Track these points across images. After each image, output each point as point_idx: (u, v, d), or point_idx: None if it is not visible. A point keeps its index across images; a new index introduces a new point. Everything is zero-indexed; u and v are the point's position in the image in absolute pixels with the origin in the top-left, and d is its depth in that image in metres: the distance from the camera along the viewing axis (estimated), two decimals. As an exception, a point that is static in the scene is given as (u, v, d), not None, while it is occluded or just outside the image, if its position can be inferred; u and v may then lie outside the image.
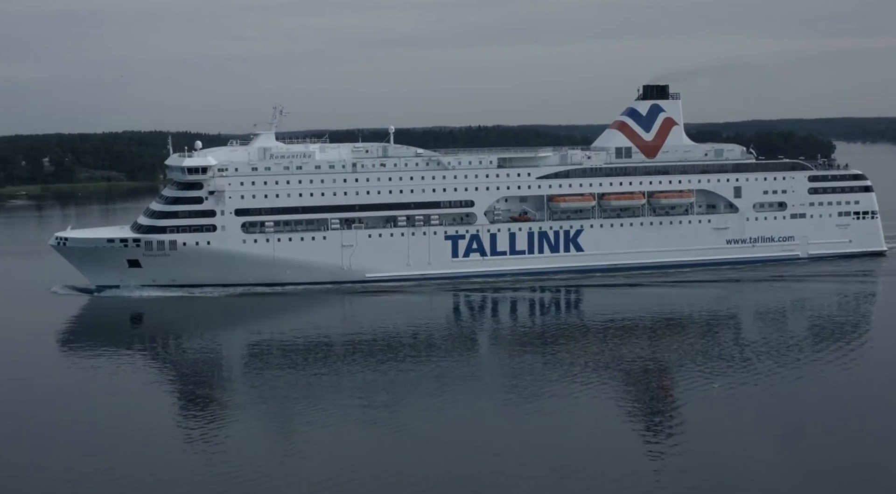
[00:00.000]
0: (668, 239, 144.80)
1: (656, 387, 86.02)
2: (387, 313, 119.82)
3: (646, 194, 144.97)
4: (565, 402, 79.83)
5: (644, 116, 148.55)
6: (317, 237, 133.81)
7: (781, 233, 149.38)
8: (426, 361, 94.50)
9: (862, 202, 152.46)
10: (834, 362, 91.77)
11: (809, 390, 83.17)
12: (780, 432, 71.78)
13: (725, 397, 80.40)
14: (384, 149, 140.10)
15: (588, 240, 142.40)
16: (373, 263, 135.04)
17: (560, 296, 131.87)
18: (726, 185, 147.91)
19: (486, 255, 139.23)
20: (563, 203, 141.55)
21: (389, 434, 72.50)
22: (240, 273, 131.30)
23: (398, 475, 64.31)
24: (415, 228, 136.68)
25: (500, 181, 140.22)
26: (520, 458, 66.96)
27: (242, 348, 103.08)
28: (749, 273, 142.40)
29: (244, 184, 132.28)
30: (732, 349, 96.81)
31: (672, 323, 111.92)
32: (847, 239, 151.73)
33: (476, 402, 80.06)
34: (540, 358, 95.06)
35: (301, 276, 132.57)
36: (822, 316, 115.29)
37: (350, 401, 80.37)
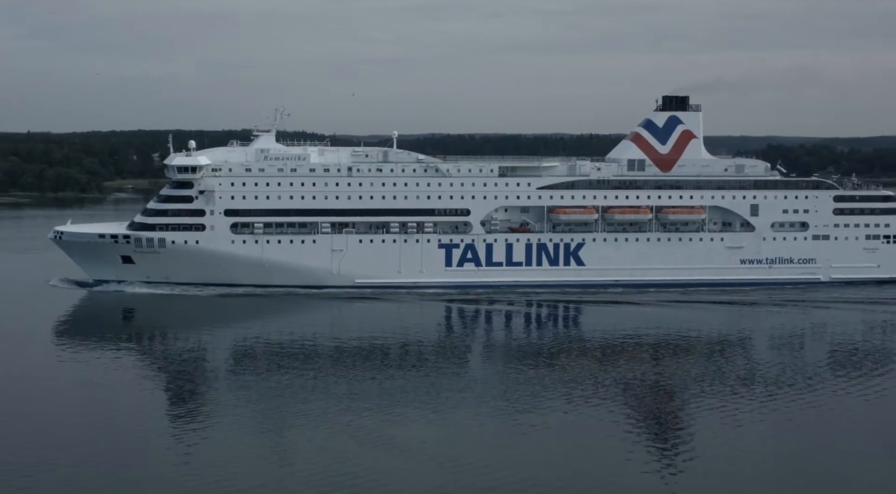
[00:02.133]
0: (676, 256, 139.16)
1: (652, 412, 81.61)
2: (375, 321, 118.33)
3: (653, 209, 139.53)
4: (552, 421, 77.07)
5: (660, 128, 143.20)
6: (306, 240, 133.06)
7: (802, 254, 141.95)
8: (412, 372, 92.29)
9: (893, 225, 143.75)
10: (849, 396, 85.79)
11: (818, 424, 78.09)
12: (780, 466, 68.02)
13: (726, 425, 76.38)
14: (384, 154, 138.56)
15: (590, 255, 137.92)
16: (363, 269, 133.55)
17: (558, 312, 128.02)
18: (742, 203, 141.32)
19: (480, 266, 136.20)
20: (564, 215, 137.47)
21: (368, 444, 70.81)
22: (229, 273, 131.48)
23: (373, 484, 63.11)
24: (407, 235, 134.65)
25: (497, 190, 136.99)
26: (498, 473, 65.16)
27: (227, 348, 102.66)
28: (764, 296, 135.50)
29: (235, 185, 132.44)
30: (737, 375, 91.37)
31: (675, 344, 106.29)
32: (875, 263, 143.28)
33: (460, 416, 77.91)
34: (530, 375, 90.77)
35: (290, 279, 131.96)
36: (841, 345, 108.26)
37: (331, 407, 79.08)
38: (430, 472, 65.19)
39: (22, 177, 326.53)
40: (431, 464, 66.52)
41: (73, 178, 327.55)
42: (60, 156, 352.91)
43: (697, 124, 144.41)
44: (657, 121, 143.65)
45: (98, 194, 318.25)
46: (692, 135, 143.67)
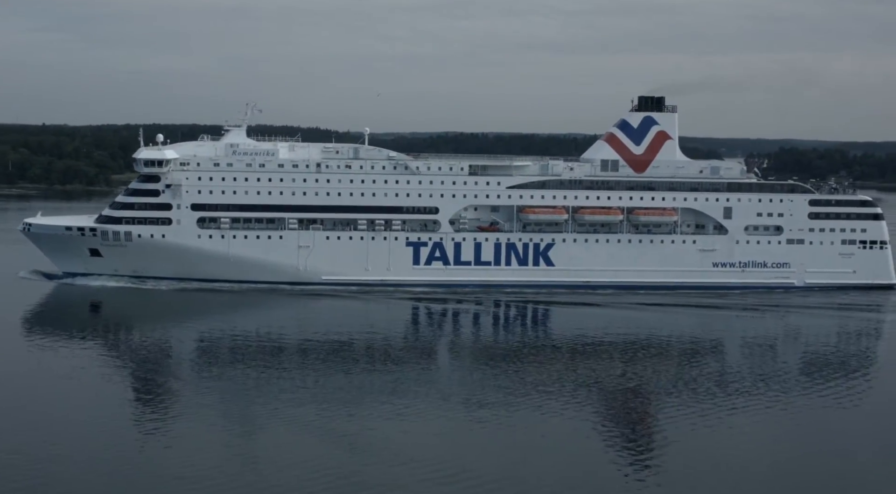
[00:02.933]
0: (648, 258, 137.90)
1: (621, 414, 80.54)
2: (342, 318, 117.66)
3: (624, 210, 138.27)
4: (519, 420, 76.54)
5: (635, 129, 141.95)
6: (273, 236, 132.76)
7: (776, 258, 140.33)
8: (378, 371, 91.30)
9: (870, 230, 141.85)
10: (822, 400, 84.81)
11: (789, 428, 77.33)
12: (751, 469, 67.12)
13: (697, 429, 75.45)
14: (355, 151, 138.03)
15: (559, 255, 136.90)
16: (330, 266, 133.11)
17: (526, 312, 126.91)
18: (715, 205, 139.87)
19: (449, 264, 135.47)
20: (533, 214, 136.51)
21: (331, 441, 70.44)
22: (195, 267, 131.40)
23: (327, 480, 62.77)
24: (375, 232, 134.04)
25: (466, 188, 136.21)
26: (462, 472, 64.69)
27: (192, 343, 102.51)
28: (737, 299, 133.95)
29: (202, 179, 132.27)
30: (708, 379, 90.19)
31: (644, 347, 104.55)
32: (851, 269, 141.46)
33: (426, 415, 77.35)
34: (498, 375, 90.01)
35: (256, 275, 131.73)
36: (813, 350, 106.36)
37: (295, 404, 78.70)
38: (392, 470, 64.66)
39: (31, 169, 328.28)
40: (394, 462, 65.95)
41: (81, 171, 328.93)
42: (70, 148, 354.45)
43: (673, 125, 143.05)
44: (632, 122, 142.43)
45: (106, 187, 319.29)
46: (667, 136, 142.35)
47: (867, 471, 67.75)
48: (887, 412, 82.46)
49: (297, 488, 61.41)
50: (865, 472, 67.60)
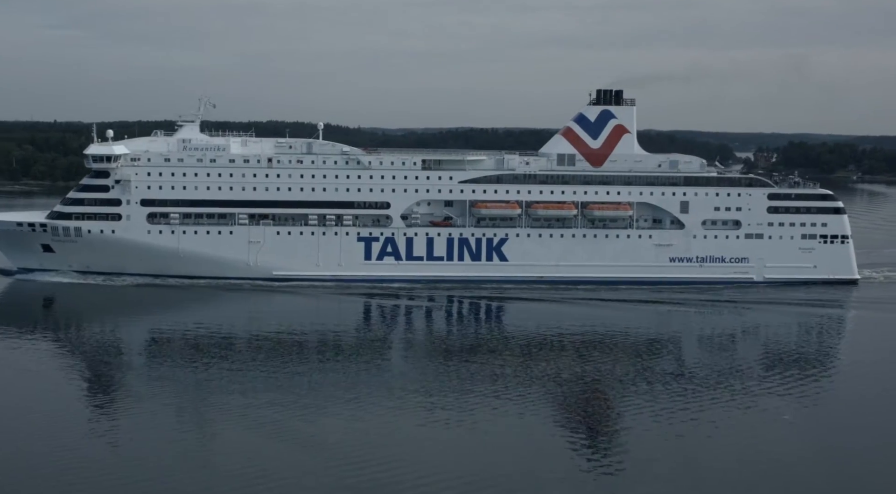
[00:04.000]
0: (603, 253, 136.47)
1: (577, 411, 79.81)
2: (293, 314, 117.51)
3: (578, 204, 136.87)
4: (474, 418, 75.77)
5: (592, 123, 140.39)
6: (223, 231, 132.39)
7: (734, 253, 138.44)
8: (330, 367, 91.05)
9: (831, 224, 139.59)
10: (778, 398, 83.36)
11: (744, 425, 76.08)
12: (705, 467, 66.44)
13: (654, 425, 74.49)
14: (308, 146, 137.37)
15: (513, 250, 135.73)
16: (280, 261, 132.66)
17: (480, 308, 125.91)
18: (672, 199, 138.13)
19: (401, 260, 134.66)
20: (485, 209, 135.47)
21: (280, 439, 69.90)
22: (146, 263, 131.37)
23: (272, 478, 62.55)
24: (326, 228, 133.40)
25: (418, 183, 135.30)
26: (415, 470, 64.27)
27: (143, 339, 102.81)
28: (694, 295, 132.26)
29: (151, 175, 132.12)
30: (665, 375, 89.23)
31: (599, 344, 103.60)
32: (811, 264, 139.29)
33: (377, 412, 76.79)
34: (451, 372, 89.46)
35: (207, 270, 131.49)
36: (771, 347, 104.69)
37: (246, 400, 78.40)
38: (343, 468, 64.28)
39: (34, 166, 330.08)
40: (342, 461, 65.51)
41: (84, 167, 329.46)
42: (76, 145, 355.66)
43: (631, 119, 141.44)
44: (589, 116, 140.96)
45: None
46: (625, 129, 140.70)
47: (826, 467, 67.40)
48: (845, 410, 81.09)
49: (246, 486, 61.21)
50: (825, 467, 67.24)
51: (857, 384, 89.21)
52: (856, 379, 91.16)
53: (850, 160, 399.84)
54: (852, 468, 67.11)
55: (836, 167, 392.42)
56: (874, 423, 76.60)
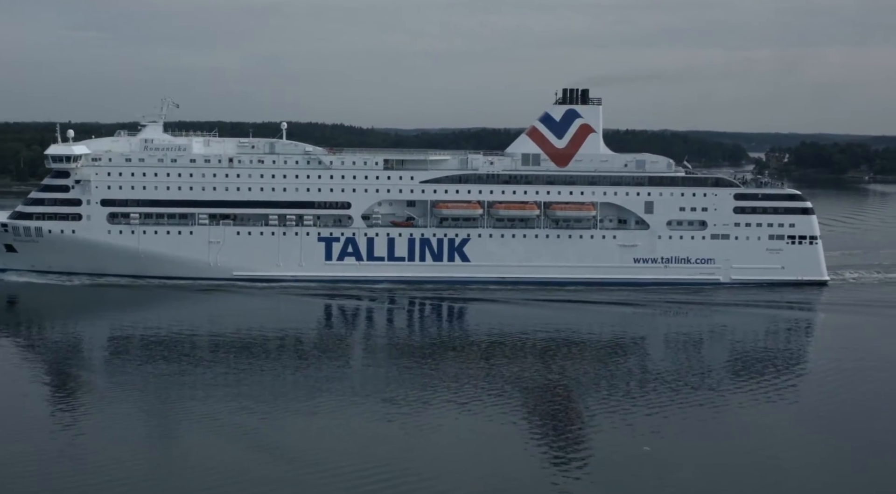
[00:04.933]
0: (566, 254, 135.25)
1: (541, 413, 79.24)
2: (252, 314, 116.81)
3: (541, 205, 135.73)
4: (436, 421, 75.34)
5: (557, 122, 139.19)
6: (183, 231, 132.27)
7: (700, 254, 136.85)
8: (290, 368, 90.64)
9: (799, 225, 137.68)
10: (745, 399, 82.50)
11: (711, 427, 75.46)
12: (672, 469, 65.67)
13: (619, 428, 73.77)
14: (271, 146, 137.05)
15: (475, 251, 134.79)
16: (241, 261, 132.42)
17: (441, 309, 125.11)
18: (636, 200, 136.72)
19: (361, 260, 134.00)
20: (446, 209, 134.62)
21: (239, 439, 69.81)
22: (107, 263, 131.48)
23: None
24: (286, 228, 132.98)
25: (379, 183, 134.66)
26: (377, 473, 63.82)
27: (104, 339, 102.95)
28: (660, 296, 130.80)
29: (111, 175, 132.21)
30: (629, 377, 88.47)
31: (563, 345, 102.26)
32: (779, 265, 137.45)
33: (338, 414, 76.32)
34: (413, 374, 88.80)
35: (167, 270, 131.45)
36: (737, 349, 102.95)
37: (205, 402, 78.28)
38: (303, 469, 63.96)
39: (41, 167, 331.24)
40: (305, 462, 65.27)
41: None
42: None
43: (597, 118, 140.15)
44: (554, 115, 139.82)
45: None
46: (590, 129, 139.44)
47: (793, 471, 66.44)
48: (813, 413, 79.97)
49: (206, 487, 61.16)
50: (791, 471, 66.26)
51: (821, 389, 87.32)
52: (820, 384, 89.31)
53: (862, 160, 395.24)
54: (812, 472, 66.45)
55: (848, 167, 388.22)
56: (838, 429, 75.36)
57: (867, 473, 65.91)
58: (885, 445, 71.40)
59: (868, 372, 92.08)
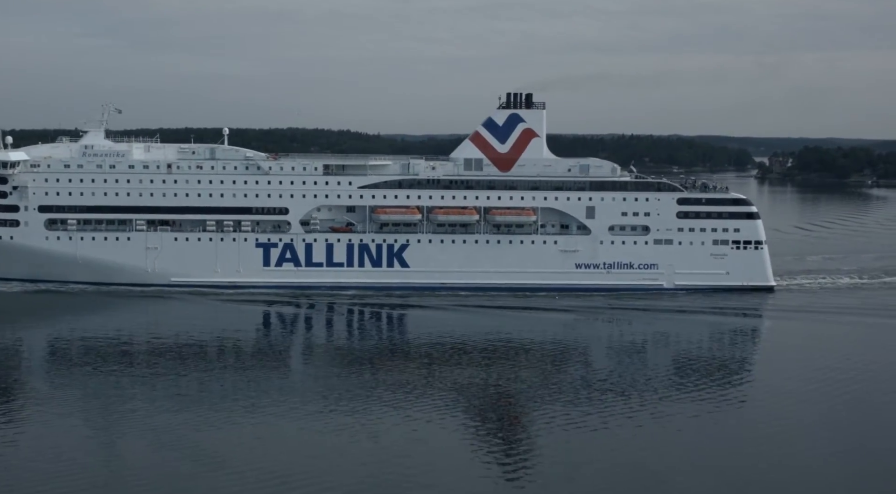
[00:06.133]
0: (507, 259, 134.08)
1: (482, 419, 78.00)
2: (190, 321, 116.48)
3: (481, 210, 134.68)
4: (368, 425, 74.51)
5: (500, 127, 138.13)
6: (121, 237, 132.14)
7: (643, 259, 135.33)
8: (229, 375, 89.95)
9: (744, 230, 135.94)
10: (685, 407, 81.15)
11: (650, 434, 74.29)
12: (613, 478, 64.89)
13: (559, 435, 72.77)
14: (212, 151, 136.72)
15: (414, 256, 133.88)
16: (178, 267, 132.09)
17: (381, 315, 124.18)
18: (578, 204, 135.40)
19: (300, 266, 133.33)
20: (384, 215, 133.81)
21: (177, 447, 69.19)
22: (44, 269, 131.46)
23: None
24: (224, 233, 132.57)
25: (317, 188, 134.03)
26: (317, 480, 63.21)
27: (41, 346, 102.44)
28: (602, 302, 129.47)
29: (49, 181, 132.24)
30: (570, 384, 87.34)
31: (504, 352, 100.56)
32: (723, 270, 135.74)
33: (276, 421, 75.57)
34: (353, 381, 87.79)
35: (105, 277, 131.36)
36: (678, 356, 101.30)
37: (142, 409, 77.88)
38: (234, 477, 63.22)
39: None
40: (245, 470, 64.50)
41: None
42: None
43: (540, 122, 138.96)
44: (497, 120, 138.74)
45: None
46: (534, 133, 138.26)
47: (736, 475, 65.61)
48: (756, 419, 78.72)
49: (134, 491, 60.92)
50: (734, 476, 65.44)
51: (764, 396, 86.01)
52: (764, 391, 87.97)
53: (865, 164, 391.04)
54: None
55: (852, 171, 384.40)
56: (777, 436, 74.00)
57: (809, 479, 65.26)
58: (827, 453, 70.26)
59: (811, 380, 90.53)
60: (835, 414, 79.72)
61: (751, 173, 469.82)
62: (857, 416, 79.26)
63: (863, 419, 78.58)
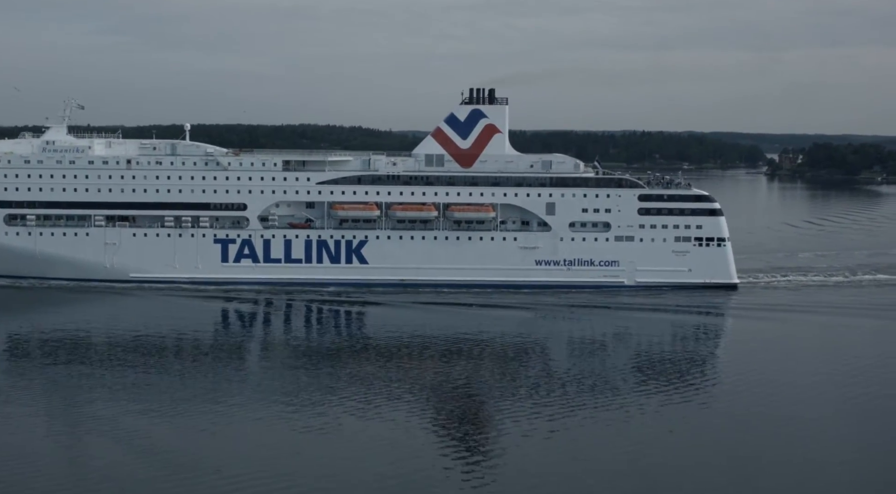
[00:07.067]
0: (466, 256, 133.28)
1: (442, 417, 77.39)
2: (149, 317, 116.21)
3: (440, 206, 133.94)
4: (327, 422, 74.24)
5: (462, 122, 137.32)
6: (80, 233, 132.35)
7: (604, 256, 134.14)
8: (188, 371, 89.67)
9: (706, 227, 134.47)
10: (646, 405, 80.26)
11: (613, 431, 73.80)
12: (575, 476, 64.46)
13: (519, 433, 72.11)
14: (172, 147, 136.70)
15: (373, 252, 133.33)
16: (137, 263, 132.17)
17: (340, 311, 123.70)
18: (538, 201, 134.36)
19: (258, 262, 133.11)
20: (342, 211, 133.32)
21: (133, 443, 69.13)
22: (4, 264, 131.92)
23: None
24: (182, 229, 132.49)
25: (275, 184, 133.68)
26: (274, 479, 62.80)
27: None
28: (562, 299, 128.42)
29: (8, 177, 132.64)
30: (530, 382, 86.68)
31: (464, 349, 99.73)
32: (686, 267, 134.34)
33: (235, 417, 75.41)
34: (313, 377, 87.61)
35: (64, 272, 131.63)
36: (640, 354, 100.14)
37: (101, 405, 77.83)
38: (191, 476, 62.85)
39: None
40: (194, 467, 64.16)
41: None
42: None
43: (503, 118, 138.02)
44: (459, 115, 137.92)
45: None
46: (496, 129, 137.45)
47: (696, 473, 65.13)
48: (715, 418, 77.96)
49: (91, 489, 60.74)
50: (695, 474, 64.95)
51: (723, 394, 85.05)
52: (722, 389, 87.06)
53: (875, 161, 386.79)
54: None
55: (861, 168, 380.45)
56: (742, 436, 73.15)
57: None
58: (787, 454, 68.95)
59: (769, 380, 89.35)
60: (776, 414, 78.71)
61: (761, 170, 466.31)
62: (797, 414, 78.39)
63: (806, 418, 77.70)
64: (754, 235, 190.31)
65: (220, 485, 60.91)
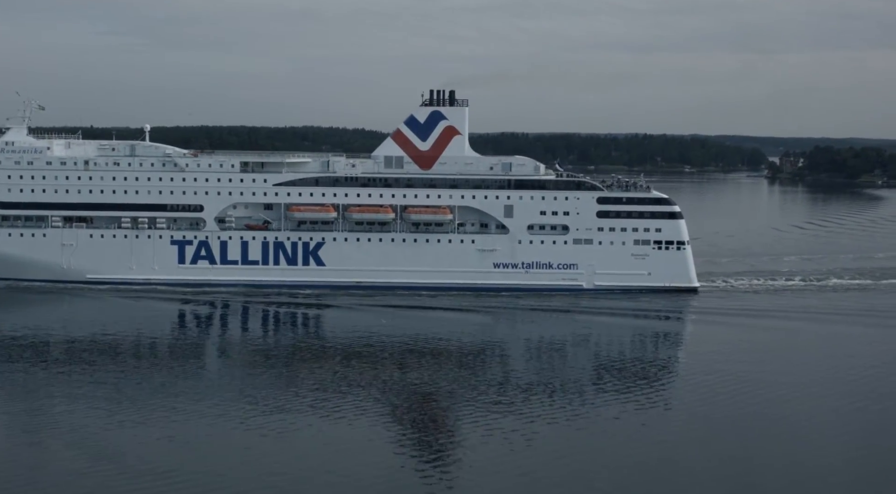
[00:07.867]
0: (423, 258, 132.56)
1: (400, 419, 77.18)
2: (104, 318, 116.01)
3: (397, 208, 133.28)
4: (296, 427, 73.84)
5: (422, 124, 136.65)
6: (36, 234, 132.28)
7: (562, 259, 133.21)
8: (144, 373, 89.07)
9: (666, 230, 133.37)
10: (606, 409, 79.78)
11: (573, 436, 73.55)
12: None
13: (477, 436, 71.73)
14: (132, 148, 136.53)
15: (330, 254, 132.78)
16: (94, 264, 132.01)
17: (297, 313, 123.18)
18: (495, 203, 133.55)
19: (215, 263, 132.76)
20: (299, 212, 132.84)
21: (82, 445, 69.04)
22: None
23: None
24: (139, 231, 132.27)
25: (232, 186, 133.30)
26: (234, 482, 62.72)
27: None
28: (520, 302, 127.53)
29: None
30: (488, 386, 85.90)
31: (421, 352, 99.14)
32: (645, 271, 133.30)
33: (192, 421, 75.06)
34: (269, 379, 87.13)
35: (21, 273, 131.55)
36: (598, 357, 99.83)
37: (54, 407, 77.90)
38: (146, 479, 62.65)
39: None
40: (149, 471, 63.87)
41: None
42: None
43: (463, 120, 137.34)
44: (419, 117, 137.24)
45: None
46: (455, 131, 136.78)
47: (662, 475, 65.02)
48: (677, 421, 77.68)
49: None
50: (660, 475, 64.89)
51: (681, 398, 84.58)
52: (680, 393, 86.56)
53: (876, 164, 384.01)
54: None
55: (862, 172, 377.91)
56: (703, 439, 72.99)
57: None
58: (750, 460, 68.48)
59: (727, 384, 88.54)
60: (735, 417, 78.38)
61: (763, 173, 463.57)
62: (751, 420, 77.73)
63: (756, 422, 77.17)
64: (736, 239, 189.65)
65: (167, 487, 60.90)
